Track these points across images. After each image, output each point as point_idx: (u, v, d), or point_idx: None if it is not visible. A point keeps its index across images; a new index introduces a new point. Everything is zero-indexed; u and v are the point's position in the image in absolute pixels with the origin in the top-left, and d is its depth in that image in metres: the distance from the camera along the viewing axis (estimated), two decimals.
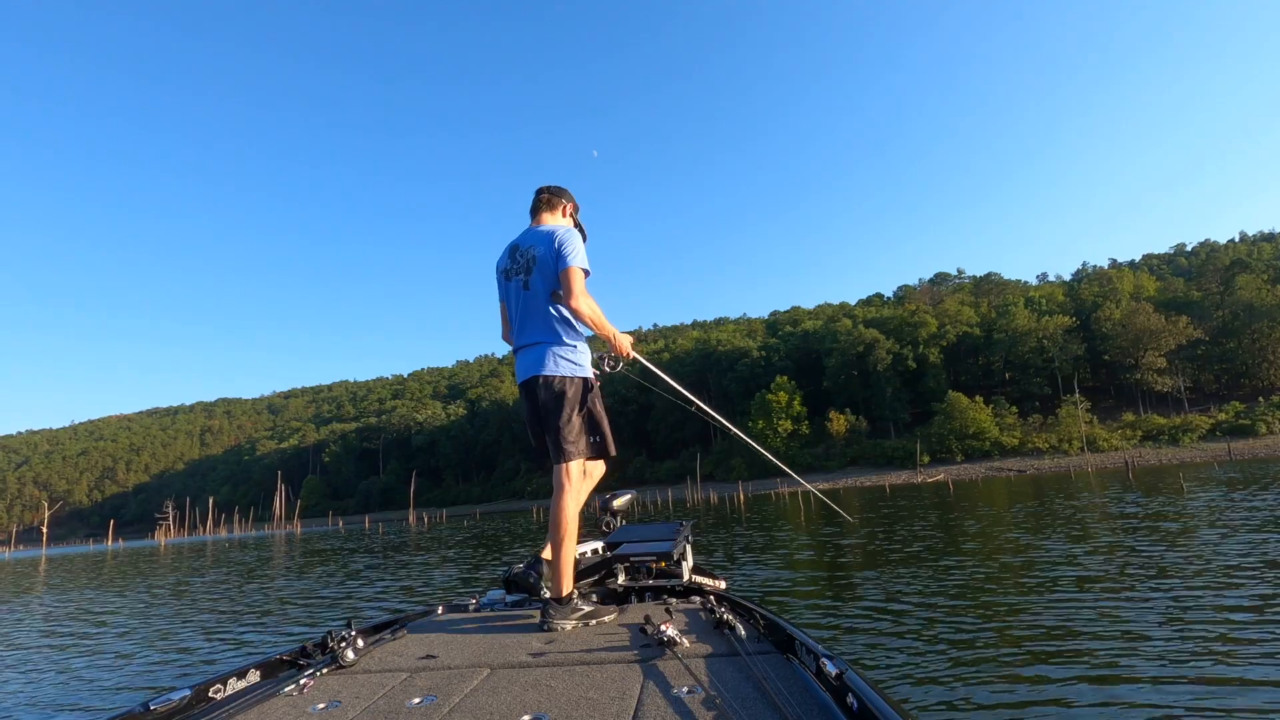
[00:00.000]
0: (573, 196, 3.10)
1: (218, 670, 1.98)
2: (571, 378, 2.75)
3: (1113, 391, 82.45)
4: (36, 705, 5.01)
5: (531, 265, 2.76)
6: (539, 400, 2.73)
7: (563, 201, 3.04)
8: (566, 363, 2.75)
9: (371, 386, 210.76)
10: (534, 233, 2.86)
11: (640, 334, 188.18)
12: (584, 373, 2.80)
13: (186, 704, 1.73)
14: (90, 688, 5.46)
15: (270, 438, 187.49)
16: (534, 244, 2.80)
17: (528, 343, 2.79)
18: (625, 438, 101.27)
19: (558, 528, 2.67)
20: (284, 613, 8.96)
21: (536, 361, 2.75)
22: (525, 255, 2.80)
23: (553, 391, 2.71)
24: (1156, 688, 3.58)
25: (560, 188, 3.07)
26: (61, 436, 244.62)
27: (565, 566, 2.64)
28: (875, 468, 73.22)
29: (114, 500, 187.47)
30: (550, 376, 2.72)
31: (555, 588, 2.64)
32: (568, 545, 2.66)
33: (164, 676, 5.61)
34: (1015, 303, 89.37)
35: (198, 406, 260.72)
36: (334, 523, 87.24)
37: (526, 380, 2.79)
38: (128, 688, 5.40)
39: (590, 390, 2.81)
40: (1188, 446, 62.12)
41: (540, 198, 3.02)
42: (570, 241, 2.74)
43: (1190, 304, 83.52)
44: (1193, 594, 5.65)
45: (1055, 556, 8.45)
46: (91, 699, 5.09)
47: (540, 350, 2.75)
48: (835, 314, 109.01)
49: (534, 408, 2.78)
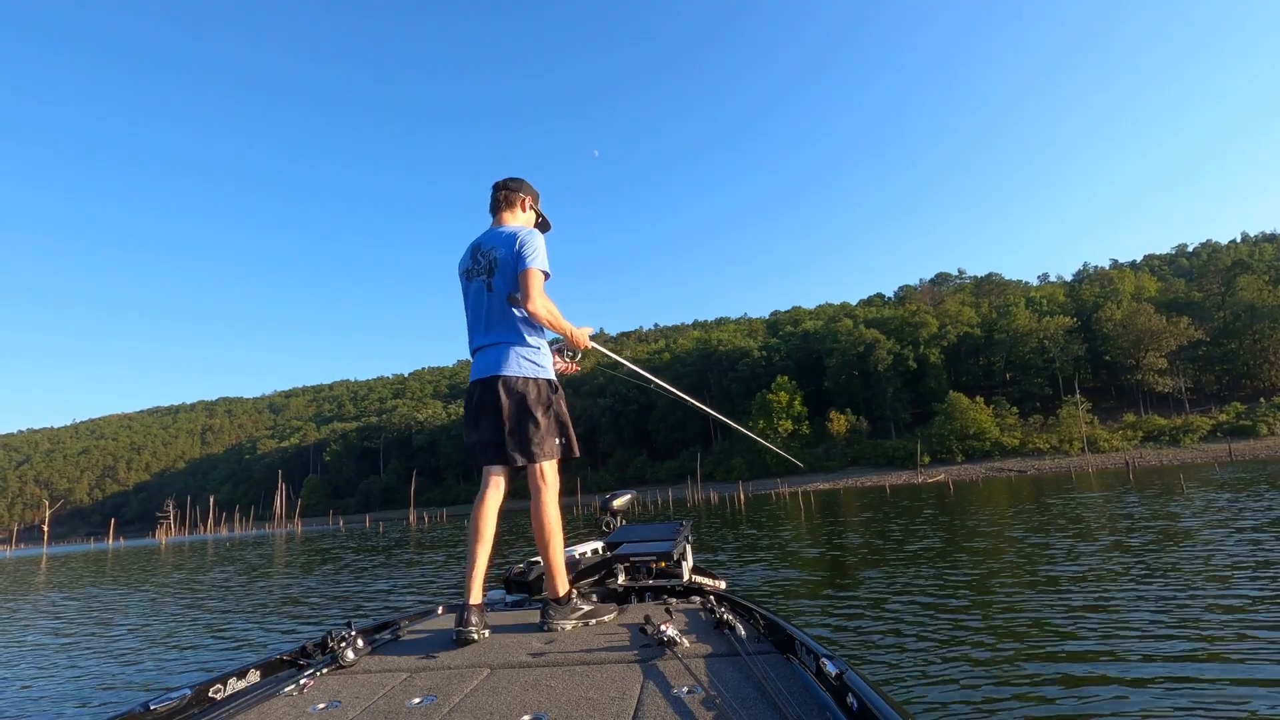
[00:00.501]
0: (532, 187, 3.02)
1: (218, 670, 1.97)
2: (536, 379, 2.71)
3: (1113, 392, 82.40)
4: (37, 704, 5.01)
5: (494, 267, 2.72)
6: (499, 401, 2.66)
7: (521, 196, 2.95)
8: (530, 364, 2.71)
9: (372, 386, 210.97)
10: (495, 233, 2.82)
11: (641, 334, 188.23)
12: (547, 374, 2.76)
13: (186, 704, 1.73)
14: (91, 686, 5.45)
15: (271, 437, 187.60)
16: (495, 245, 2.76)
17: (490, 343, 2.74)
18: (626, 437, 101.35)
19: (543, 530, 2.65)
20: (285, 612, 8.97)
21: (498, 361, 2.70)
22: (487, 256, 2.76)
23: (517, 393, 2.66)
24: (1155, 687, 3.58)
25: (517, 179, 2.99)
26: (63, 435, 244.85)
27: (558, 566, 2.64)
28: (876, 468, 73.21)
29: (115, 499, 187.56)
30: (514, 377, 2.67)
31: (552, 588, 2.64)
32: (556, 545, 2.65)
33: (164, 676, 5.60)
34: (1016, 303, 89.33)
35: (199, 405, 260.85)
36: (334, 522, 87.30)
37: (486, 379, 2.72)
38: (132, 685, 5.41)
39: (556, 392, 2.78)
40: (1188, 447, 62.06)
41: (498, 195, 2.94)
42: (531, 243, 2.70)
43: (1191, 305, 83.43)
44: (1191, 594, 5.65)
45: (1055, 556, 8.45)
46: (92, 698, 5.09)
47: (503, 350, 2.70)
48: (836, 314, 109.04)
49: (488, 407, 2.70)
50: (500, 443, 2.67)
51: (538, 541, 2.68)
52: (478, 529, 2.62)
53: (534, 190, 3.03)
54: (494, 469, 2.71)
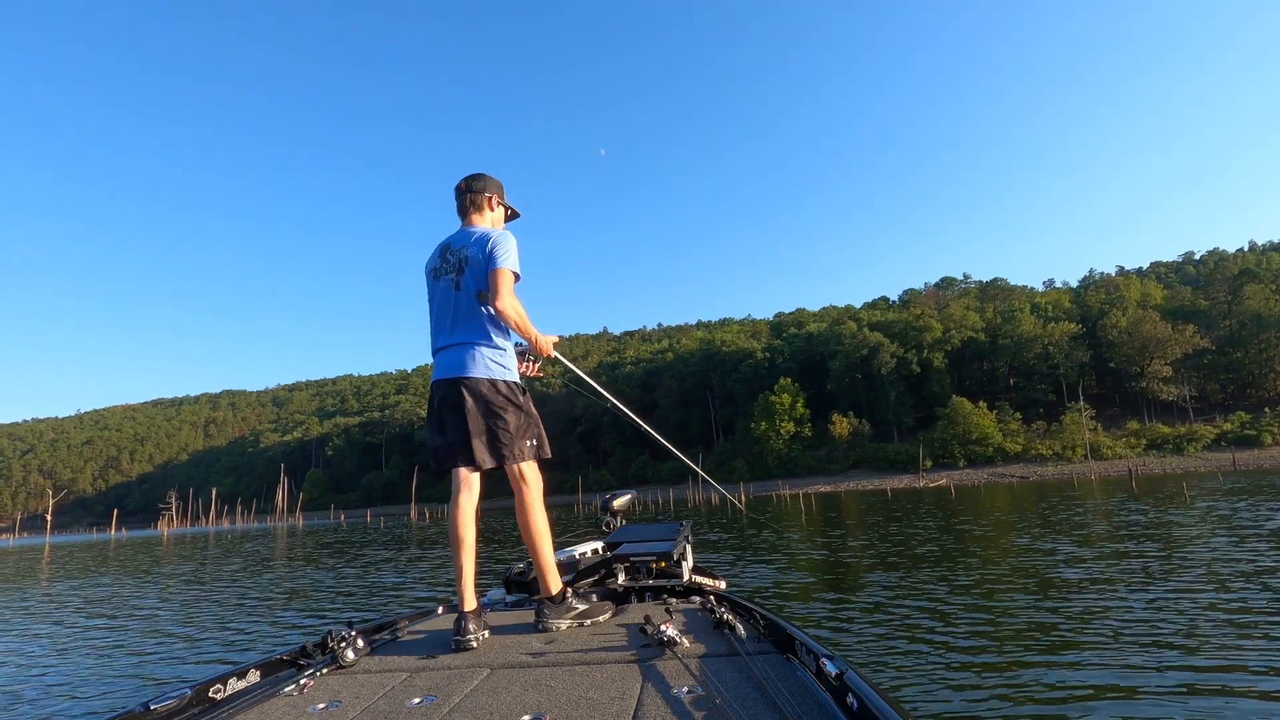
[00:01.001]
0: (495, 181, 2.93)
1: (218, 670, 1.97)
2: (503, 380, 2.66)
3: (1118, 399, 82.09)
4: (38, 703, 4.98)
5: (464, 265, 2.67)
6: (463, 403, 2.59)
7: (487, 195, 2.88)
8: (498, 366, 2.66)
9: (375, 381, 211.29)
10: (466, 233, 2.77)
11: (644, 333, 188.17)
12: (513, 376, 2.72)
13: (186, 704, 1.74)
14: (92, 686, 5.42)
15: (274, 430, 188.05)
16: (466, 244, 2.71)
17: (455, 342, 2.67)
18: (628, 437, 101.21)
19: (529, 530, 2.62)
20: (286, 608, 8.98)
21: (462, 362, 2.63)
22: (457, 255, 2.71)
23: (483, 394, 2.60)
24: (1155, 688, 3.59)
25: (480, 177, 2.90)
26: (67, 425, 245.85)
27: (549, 566, 2.62)
28: (877, 471, 73.07)
29: (118, 489, 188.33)
30: (479, 379, 2.61)
31: (544, 588, 2.62)
32: (545, 545, 2.63)
33: (164, 673, 5.58)
34: (1021, 308, 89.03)
35: (203, 398, 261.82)
36: (336, 516, 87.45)
37: (449, 379, 2.65)
38: (135, 677, 5.42)
39: (524, 394, 2.74)
40: (1192, 456, 61.80)
41: (464, 200, 2.87)
42: (503, 244, 2.67)
43: (1197, 313, 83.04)
44: (1190, 601, 5.63)
45: (1055, 560, 8.44)
46: (91, 698, 5.05)
47: (468, 351, 2.64)
48: (840, 316, 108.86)
49: (453, 409, 2.63)
50: (467, 445, 2.60)
51: (526, 543, 2.66)
52: (459, 536, 2.57)
53: (498, 184, 2.95)
54: (463, 472, 2.65)
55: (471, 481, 2.66)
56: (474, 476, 2.67)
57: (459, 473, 2.65)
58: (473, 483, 2.66)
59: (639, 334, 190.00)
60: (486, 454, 2.60)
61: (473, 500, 2.64)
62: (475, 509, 2.65)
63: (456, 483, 2.65)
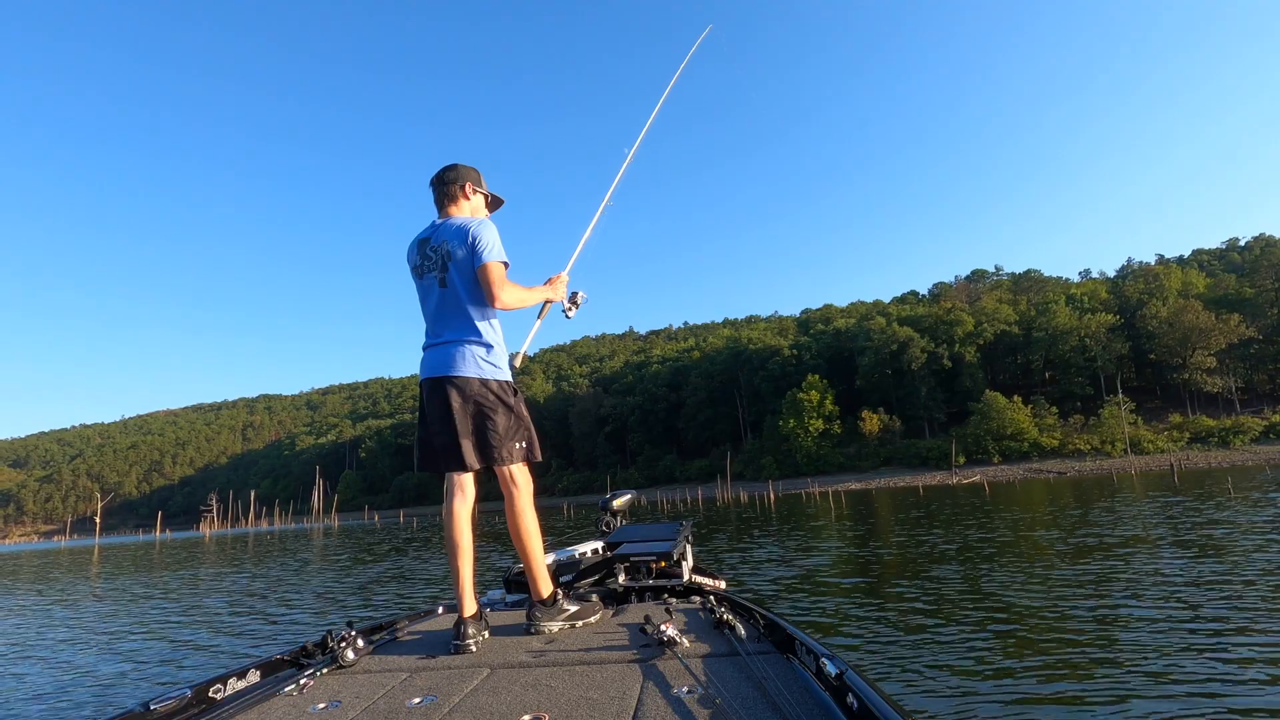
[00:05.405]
0: (469, 169, 2.83)
1: (218, 670, 2.03)
2: (493, 380, 2.57)
3: (1159, 392, 79.62)
4: (36, 702, 5.06)
5: (447, 261, 2.58)
6: (450, 403, 2.51)
7: (459, 185, 2.77)
8: (488, 365, 2.57)
9: (406, 384, 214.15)
10: (445, 227, 2.65)
11: (670, 331, 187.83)
12: (503, 375, 2.62)
13: (186, 703, 1.76)
14: (91, 685, 5.46)
15: (309, 433, 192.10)
16: (446, 239, 2.61)
17: (442, 340, 2.59)
18: (655, 436, 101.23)
19: (519, 533, 2.58)
20: (289, 607, 9.11)
21: (450, 361, 2.54)
22: (438, 251, 2.61)
23: (472, 394, 2.53)
24: (1157, 688, 3.53)
25: (452, 168, 2.80)
26: (112, 430, 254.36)
27: (540, 568, 2.59)
28: (909, 468, 71.88)
29: (161, 492, 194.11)
30: (468, 378, 2.53)
31: (535, 590, 2.58)
32: (535, 548, 2.59)
33: (164, 674, 5.64)
34: (1056, 300, 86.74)
35: (240, 402, 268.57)
36: (370, 517, 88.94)
37: (435, 379, 2.57)
38: (136, 678, 5.53)
39: (516, 394, 2.65)
40: (1239, 449, 59.59)
41: (440, 191, 2.77)
42: (484, 236, 2.57)
43: (1243, 301, 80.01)
44: (1196, 597, 5.48)
45: (1076, 558, 8.23)
46: (92, 697, 5.11)
47: (456, 349, 2.55)
48: (869, 312, 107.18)
49: (440, 409, 2.55)
50: (456, 447, 2.52)
51: (516, 546, 2.61)
52: (454, 540, 2.51)
53: (473, 172, 2.85)
54: (455, 475, 2.59)
55: (465, 484, 2.62)
56: (467, 479, 2.62)
57: (452, 476, 2.60)
58: (466, 486, 2.62)
59: (665, 333, 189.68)
60: (475, 455, 2.54)
61: (467, 504, 2.60)
62: (470, 513, 2.61)
63: (450, 486, 2.61)
